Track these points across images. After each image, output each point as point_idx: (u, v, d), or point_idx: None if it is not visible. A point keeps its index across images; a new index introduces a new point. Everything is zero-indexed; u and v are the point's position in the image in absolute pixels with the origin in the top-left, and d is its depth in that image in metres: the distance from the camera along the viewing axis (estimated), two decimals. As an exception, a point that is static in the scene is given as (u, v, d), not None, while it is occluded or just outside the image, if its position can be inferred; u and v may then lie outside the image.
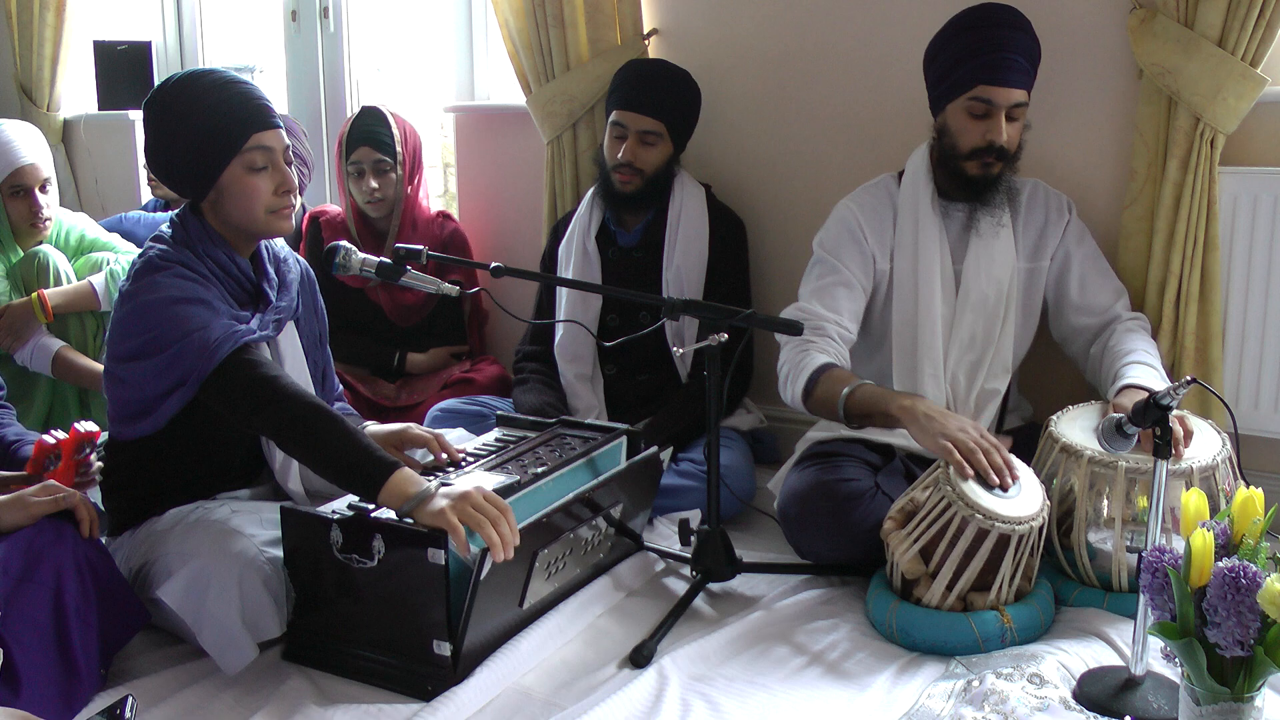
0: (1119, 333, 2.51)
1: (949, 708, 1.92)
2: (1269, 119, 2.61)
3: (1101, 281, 2.58)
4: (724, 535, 2.39)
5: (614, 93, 3.03)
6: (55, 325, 3.04)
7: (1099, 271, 2.59)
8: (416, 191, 3.47)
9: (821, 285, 2.56)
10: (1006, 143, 2.45)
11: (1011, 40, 2.41)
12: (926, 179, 2.55)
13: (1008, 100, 2.42)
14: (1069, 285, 2.57)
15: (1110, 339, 2.51)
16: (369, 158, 3.38)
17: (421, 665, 2.01)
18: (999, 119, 2.43)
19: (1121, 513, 2.14)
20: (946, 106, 2.49)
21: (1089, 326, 2.57)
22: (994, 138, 2.44)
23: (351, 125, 3.43)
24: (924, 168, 2.56)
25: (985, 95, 2.42)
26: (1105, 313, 2.56)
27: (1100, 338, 2.55)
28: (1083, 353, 2.59)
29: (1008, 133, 2.44)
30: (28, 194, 3.07)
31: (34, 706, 1.83)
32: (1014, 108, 2.44)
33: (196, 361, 2.06)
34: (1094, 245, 2.61)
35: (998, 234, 2.53)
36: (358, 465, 1.99)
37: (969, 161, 2.48)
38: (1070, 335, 2.61)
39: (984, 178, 2.49)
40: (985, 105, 2.43)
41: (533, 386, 3.06)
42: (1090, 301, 2.57)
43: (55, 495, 2.02)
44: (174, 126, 2.16)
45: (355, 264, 2.34)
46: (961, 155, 2.48)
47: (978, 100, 2.43)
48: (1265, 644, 1.55)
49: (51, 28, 4.45)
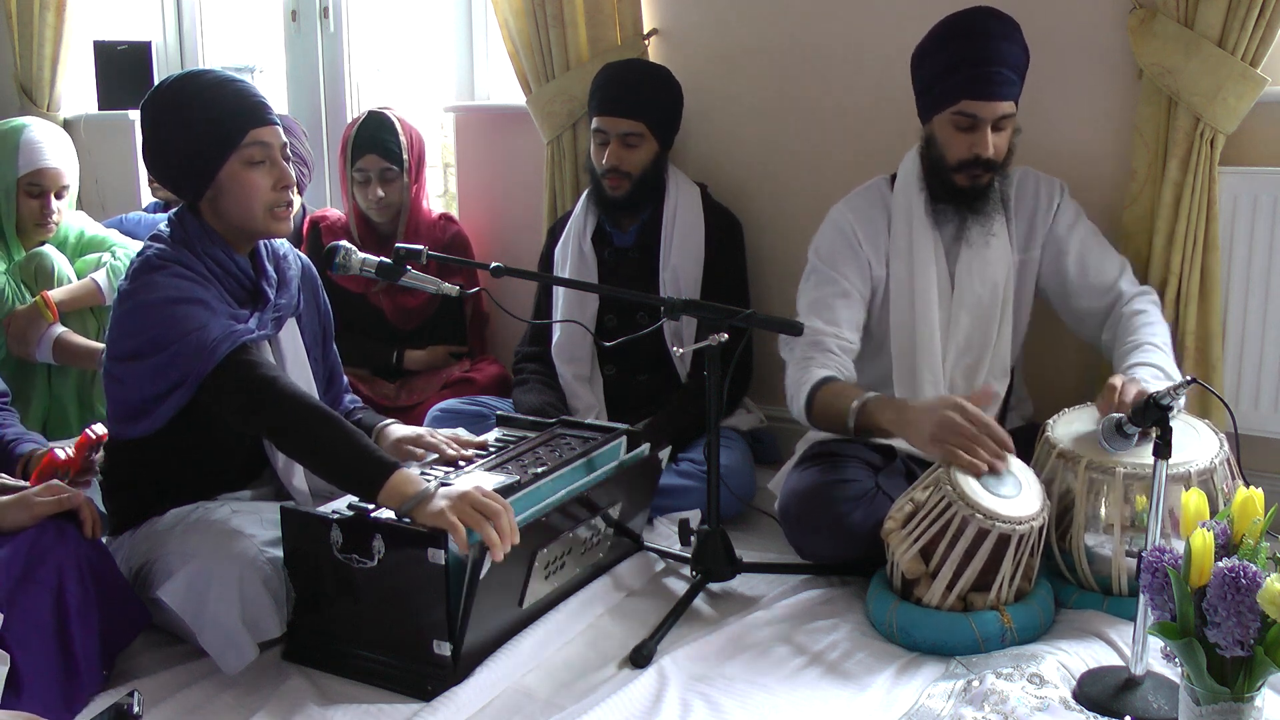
0: (1125, 318, 2.47)
1: (949, 708, 1.92)
2: (1269, 119, 2.61)
3: (1101, 259, 2.54)
4: (724, 535, 2.39)
5: (592, 98, 3.03)
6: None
7: (1097, 248, 2.55)
8: (420, 194, 3.47)
9: (819, 297, 2.55)
10: (994, 154, 2.42)
11: (997, 52, 2.37)
12: (919, 185, 2.53)
13: (993, 114, 2.39)
14: (1067, 268, 2.54)
15: (1119, 326, 2.48)
16: (376, 165, 3.36)
17: (421, 665, 2.01)
18: (985, 132, 2.40)
19: (1120, 517, 2.14)
20: (933, 118, 2.47)
21: (1096, 309, 2.54)
22: (980, 151, 2.41)
23: (358, 131, 3.40)
24: (915, 171, 2.55)
25: (970, 110, 2.39)
26: (1110, 291, 2.52)
27: (1109, 321, 2.51)
28: (1096, 338, 2.57)
29: (995, 144, 2.42)
30: (43, 195, 3.08)
31: (35, 707, 1.84)
32: (1001, 119, 2.41)
33: (195, 362, 2.06)
34: (1089, 224, 2.57)
35: (988, 243, 2.50)
36: (357, 466, 2.00)
37: (957, 173, 2.46)
38: (1080, 320, 2.58)
39: (973, 189, 2.47)
40: (971, 119, 2.40)
41: (533, 386, 3.06)
42: (1093, 281, 2.53)
43: (59, 496, 2.02)
44: (171, 125, 2.16)
45: (355, 264, 2.34)
46: (949, 167, 2.46)
47: (963, 115, 2.40)
48: (1265, 644, 1.55)
49: (51, 28, 4.45)
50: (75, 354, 3.00)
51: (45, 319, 2.98)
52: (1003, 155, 2.46)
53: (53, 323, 2.99)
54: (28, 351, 2.99)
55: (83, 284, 3.08)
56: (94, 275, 3.10)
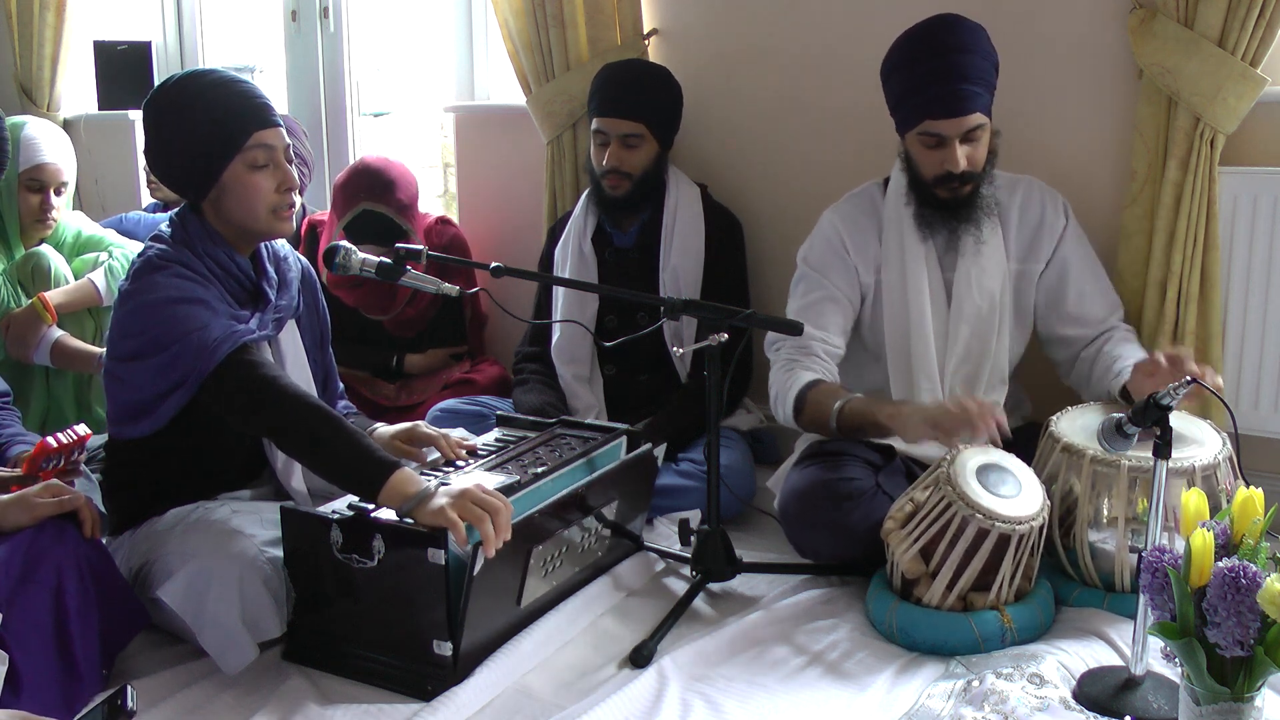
0: (1115, 339, 2.50)
1: (949, 708, 1.92)
2: (1269, 119, 2.61)
3: (1099, 295, 2.55)
4: (724, 535, 2.39)
5: (591, 99, 3.03)
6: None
7: (1096, 281, 2.56)
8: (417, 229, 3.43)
9: (807, 302, 2.55)
10: (968, 166, 2.41)
11: (957, 67, 2.34)
12: (906, 195, 2.52)
13: (958, 130, 2.37)
14: (1066, 296, 2.55)
15: (1106, 344, 2.49)
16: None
17: (421, 665, 2.01)
18: (953, 148, 2.39)
19: (1124, 513, 2.14)
20: (904, 135, 2.47)
21: (1079, 338, 2.55)
22: (950, 167, 2.40)
23: (355, 190, 3.31)
24: (903, 181, 2.54)
25: (935, 130, 2.38)
26: (1099, 325, 2.54)
27: (1094, 344, 2.53)
28: (1069, 358, 2.57)
29: (967, 157, 2.40)
30: (43, 191, 3.09)
31: (35, 707, 1.83)
32: (971, 131, 2.39)
33: (195, 362, 2.06)
34: (1092, 253, 2.58)
35: (980, 252, 2.50)
36: (357, 466, 2.00)
37: (936, 188, 2.46)
38: (1057, 341, 2.59)
39: (954, 200, 2.46)
40: (937, 138, 2.40)
41: (533, 387, 3.06)
42: (1086, 314, 2.54)
43: (59, 496, 2.02)
44: (175, 126, 2.16)
45: (355, 264, 2.33)
46: (927, 182, 2.46)
47: (928, 134, 2.40)
48: (1265, 644, 1.55)
49: (51, 28, 4.45)
50: (73, 358, 3.00)
51: (44, 321, 2.98)
52: (979, 165, 2.44)
53: (51, 325, 2.99)
54: (26, 354, 2.99)
55: (81, 285, 3.08)
56: (92, 276, 3.10)
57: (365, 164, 3.36)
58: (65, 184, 3.16)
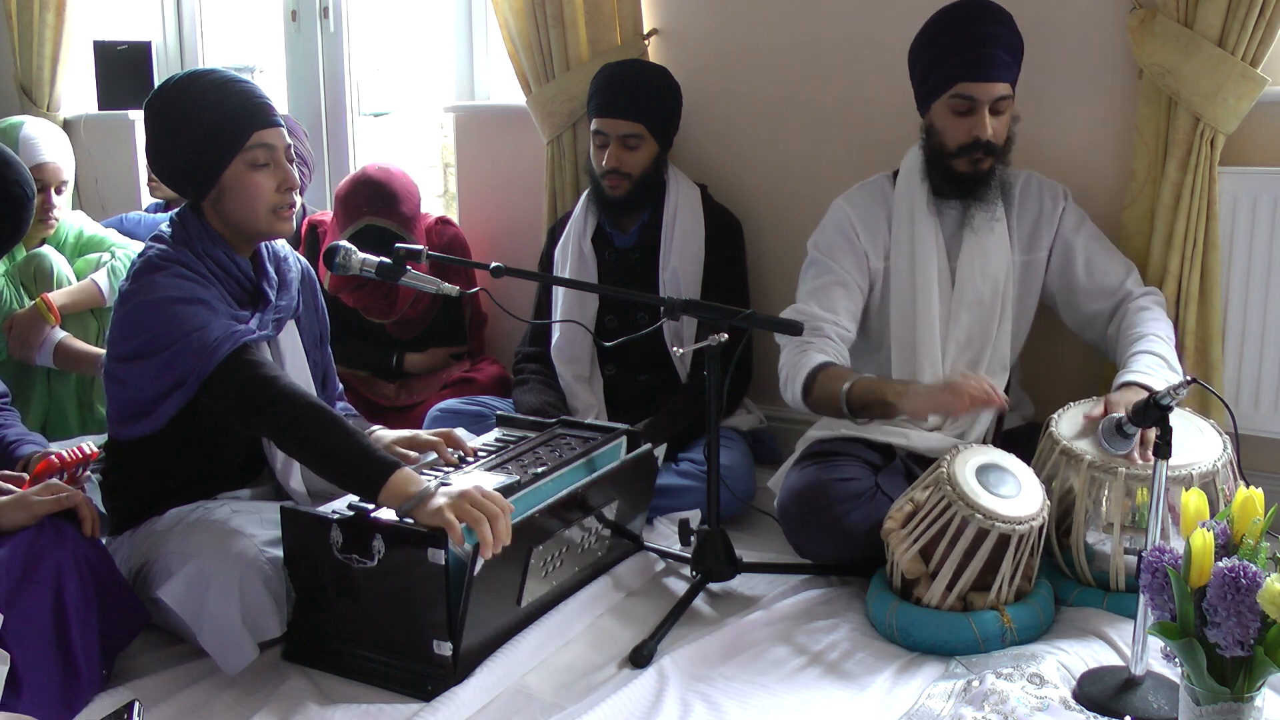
0: (1130, 313, 2.50)
1: (949, 708, 1.92)
2: (1269, 119, 2.61)
3: (1108, 261, 2.57)
4: (724, 535, 2.39)
5: (591, 100, 3.02)
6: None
7: (1104, 251, 2.58)
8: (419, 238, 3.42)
9: (818, 285, 2.57)
10: (993, 136, 2.45)
11: (990, 35, 2.41)
12: (921, 178, 2.56)
13: (990, 95, 2.42)
14: (1075, 272, 2.56)
15: (1123, 320, 2.50)
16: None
17: (421, 665, 2.01)
18: (983, 114, 2.43)
19: (1120, 515, 2.14)
20: (931, 105, 2.50)
21: (1103, 311, 2.56)
22: (979, 133, 2.44)
23: (357, 204, 3.27)
24: (918, 167, 2.57)
25: (966, 92, 2.42)
26: (1117, 292, 2.54)
27: (1115, 318, 2.53)
28: (1101, 337, 2.58)
29: (993, 127, 2.44)
30: (44, 190, 3.09)
31: (34, 708, 1.83)
32: (998, 101, 2.44)
33: (196, 362, 2.06)
34: (1094, 227, 2.60)
35: (992, 229, 2.53)
36: (358, 465, 2.00)
37: (958, 159, 2.48)
38: (1086, 322, 2.60)
39: (974, 174, 2.49)
40: (968, 102, 2.43)
41: (533, 387, 3.06)
42: (1100, 283, 2.55)
43: (58, 495, 2.02)
44: (176, 125, 2.16)
45: (355, 264, 2.34)
46: (950, 153, 2.49)
47: (960, 98, 2.43)
48: (1265, 644, 1.55)
49: (51, 28, 4.45)
50: (76, 359, 3.00)
51: (47, 322, 2.98)
52: (1002, 139, 2.48)
53: (54, 326, 2.99)
54: (29, 356, 2.99)
55: (83, 286, 3.08)
56: (94, 277, 3.10)
57: (367, 176, 3.31)
58: (65, 183, 3.16)
